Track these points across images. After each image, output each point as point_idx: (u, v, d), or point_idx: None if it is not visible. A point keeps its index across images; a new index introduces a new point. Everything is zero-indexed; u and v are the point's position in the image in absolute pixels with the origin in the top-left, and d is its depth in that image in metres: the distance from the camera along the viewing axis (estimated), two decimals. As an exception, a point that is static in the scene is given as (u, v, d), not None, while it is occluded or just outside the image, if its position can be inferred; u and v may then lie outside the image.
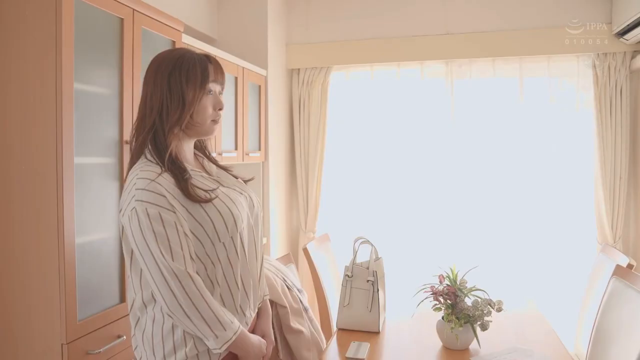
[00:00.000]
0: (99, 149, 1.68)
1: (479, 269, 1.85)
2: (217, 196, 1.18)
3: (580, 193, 3.14)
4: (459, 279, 1.78)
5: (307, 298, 2.02)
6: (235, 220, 1.19)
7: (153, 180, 1.12)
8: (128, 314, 1.26)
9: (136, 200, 1.10)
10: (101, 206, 1.67)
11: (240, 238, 1.22)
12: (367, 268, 1.94)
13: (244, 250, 1.23)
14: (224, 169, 1.38)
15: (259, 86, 3.11)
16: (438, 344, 1.77)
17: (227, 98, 2.71)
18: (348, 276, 1.96)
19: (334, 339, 1.88)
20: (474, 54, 3.20)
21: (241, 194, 1.29)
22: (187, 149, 1.27)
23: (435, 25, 3.27)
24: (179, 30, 2.12)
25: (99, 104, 1.68)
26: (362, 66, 3.39)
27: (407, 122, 3.36)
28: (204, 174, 1.25)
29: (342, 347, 1.77)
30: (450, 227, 3.30)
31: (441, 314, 1.75)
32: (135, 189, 1.11)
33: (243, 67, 2.87)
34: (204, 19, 3.05)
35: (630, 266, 1.98)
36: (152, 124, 1.19)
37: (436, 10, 3.27)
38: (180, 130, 1.21)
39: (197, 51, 1.27)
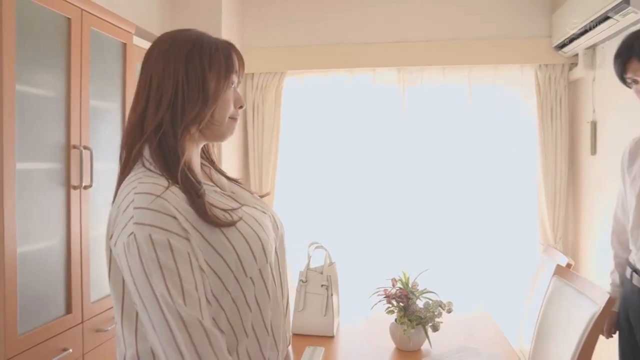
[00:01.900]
0: (44, 154, 1.62)
1: (431, 271, 1.91)
2: (240, 218, 0.90)
3: (524, 197, 3.29)
4: (410, 282, 1.83)
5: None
6: (264, 248, 0.91)
7: (159, 197, 0.82)
8: (75, 326, 1.19)
9: (135, 224, 0.80)
10: (46, 213, 1.61)
11: (271, 270, 0.94)
12: (321, 273, 1.96)
13: (275, 286, 0.95)
14: (235, 181, 1.07)
15: (213, 90, 3.07)
16: (391, 345, 1.81)
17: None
18: (302, 281, 1.97)
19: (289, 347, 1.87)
20: (425, 61, 3.30)
21: (264, 213, 1.00)
22: (196, 156, 0.98)
23: (388, 32, 3.34)
24: (130, 32, 2.07)
25: (44, 107, 1.62)
26: (316, 72, 3.42)
27: (360, 128, 3.41)
28: (217, 189, 0.97)
29: (297, 352, 1.78)
30: (403, 230, 3.38)
31: (394, 316, 1.79)
32: (134, 208, 0.81)
33: (196, 71, 2.83)
34: (156, 20, 2.99)
35: (569, 265, 2.09)
36: (160, 122, 0.90)
37: (390, 18, 3.34)
38: (197, 130, 0.94)
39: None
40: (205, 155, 1.07)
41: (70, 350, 1.63)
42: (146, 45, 2.35)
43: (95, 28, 1.82)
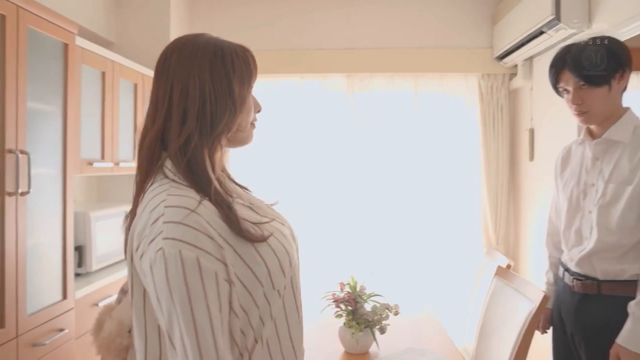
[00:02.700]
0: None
1: (378, 274, 1.95)
2: (271, 233, 0.87)
3: (468, 200, 3.42)
4: (358, 285, 1.86)
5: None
6: (290, 261, 0.89)
7: (193, 212, 0.78)
8: (8, 341, 1.13)
9: (165, 239, 0.75)
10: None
11: (295, 282, 0.93)
12: (272, 278, 1.95)
13: (295, 298, 0.92)
14: (245, 189, 1.01)
15: (161, 93, 3.00)
16: (340, 349, 1.83)
17: (125, 106, 2.60)
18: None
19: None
20: (373, 68, 3.37)
21: (283, 224, 0.97)
22: (219, 166, 0.93)
23: (338, 39, 3.39)
24: (72, 32, 2.00)
25: (-24, 108, 1.53)
26: (266, 76, 3.41)
27: (310, 133, 3.43)
28: (239, 200, 0.92)
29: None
30: (351, 234, 3.42)
31: (342, 320, 1.81)
32: (164, 222, 0.76)
33: (143, 74, 2.76)
34: (100, 20, 2.90)
35: (508, 266, 2.19)
36: (188, 136, 0.84)
37: (340, 26, 3.39)
38: (226, 139, 0.90)
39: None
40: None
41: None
42: (90, 46, 2.28)
43: (32, 26, 1.74)
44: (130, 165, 2.64)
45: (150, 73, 2.84)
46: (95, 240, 2.33)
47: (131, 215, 0.88)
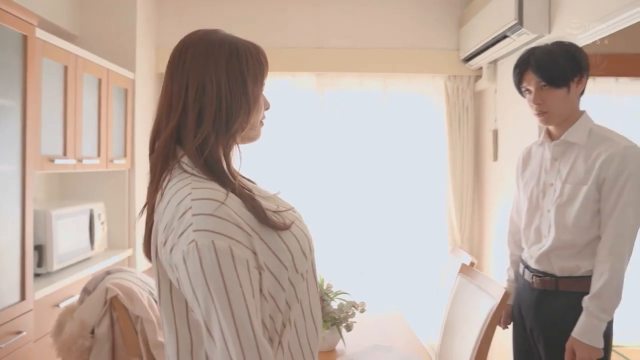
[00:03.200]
0: None
1: (345, 272, 1.96)
2: (292, 222, 0.90)
3: (435, 200, 3.48)
4: (325, 283, 1.87)
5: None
6: (310, 245, 0.92)
7: (223, 203, 0.80)
8: None
9: (196, 231, 0.76)
10: None
11: (314, 265, 0.97)
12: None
13: (315, 280, 0.96)
14: (252, 182, 1.05)
15: (126, 90, 2.94)
16: (307, 347, 1.84)
17: (89, 101, 2.54)
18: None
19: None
20: (342, 68, 3.39)
21: (295, 211, 0.99)
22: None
23: (307, 39, 3.40)
24: (32, 24, 1.93)
25: None
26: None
27: (279, 131, 3.43)
28: (254, 191, 0.94)
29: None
30: (318, 231, 3.43)
31: (310, 317, 1.82)
32: (193, 215, 0.77)
33: (108, 69, 2.70)
34: (63, 13, 2.81)
35: (472, 264, 2.24)
36: (206, 135, 0.86)
37: (309, 25, 3.40)
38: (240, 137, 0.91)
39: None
40: None
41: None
42: (52, 39, 2.21)
43: (-10, 18, 1.68)
44: (94, 162, 2.57)
45: (116, 68, 2.78)
46: (57, 239, 2.27)
47: (148, 211, 0.91)
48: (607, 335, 1.51)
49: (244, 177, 1.00)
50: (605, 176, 1.49)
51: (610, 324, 1.51)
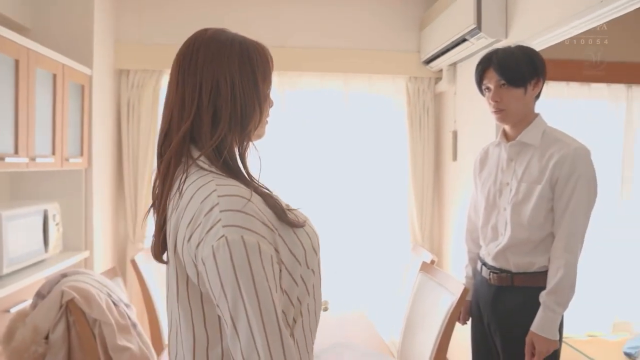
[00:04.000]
0: None
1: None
2: (306, 218, 0.94)
3: (396, 199, 3.54)
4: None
5: (136, 313, 1.92)
6: (318, 241, 0.95)
7: (249, 200, 0.82)
8: None
9: (225, 226, 0.78)
10: None
11: (320, 261, 0.98)
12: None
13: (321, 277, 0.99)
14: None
15: (82, 86, 2.85)
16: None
17: (43, 97, 2.44)
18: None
19: (165, 353, 1.81)
20: (303, 67, 3.39)
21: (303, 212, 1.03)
22: None
23: (268, 37, 3.38)
24: (-20, 16, 1.84)
25: None
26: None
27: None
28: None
29: None
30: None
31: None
32: (220, 211, 0.79)
33: (63, 64, 2.60)
34: (14, 3, 2.69)
35: (432, 262, 2.30)
36: (223, 137, 0.88)
37: (270, 23, 3.38)
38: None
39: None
40: None
41: None
42: (2, 31, 2.11)
43: None
44: (48, 161, 2.48)
45: (72, 63, 2.69)
46: (7, 241, 2.17)
47: (158, 210, 0.91)
48: (560, 327, 1.58)
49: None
50: (558, 176, 1.56)
51: (562, 317, 1.59)
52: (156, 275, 2.39)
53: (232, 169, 0.89)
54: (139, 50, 3.25)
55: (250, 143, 0.94)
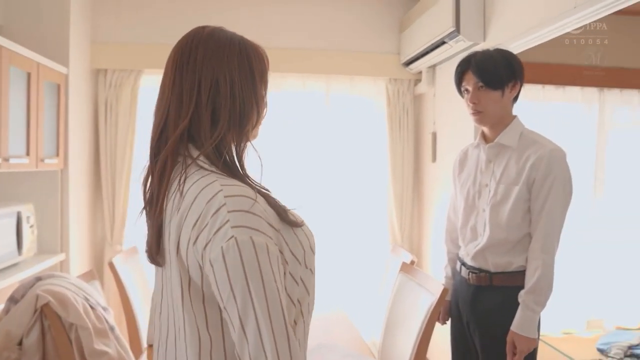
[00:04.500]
0: None
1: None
2: (303, 220, 0.93)
3: (376, 199, 3.56)
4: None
5: (114, 316, 1.89)
6: (314, 241, 0.95)
7: (256, 201, 0.81)
8: None
9: (234, 227, 0.77)
10: None
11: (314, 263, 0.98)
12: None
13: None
14: None
15: (58, 85, 2.79)
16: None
17: (17, 96, 2.38)
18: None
19: (144, 357, 1.79)
20: (285, 69, 3.38)
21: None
22: None
23: (250, 38, 3.35)
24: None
25: None
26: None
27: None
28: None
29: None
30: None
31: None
32: (228, 212, 0.78)
33: (38, 63, 2.55)
34: (-15, 1, 2.62)
35: (412, 262, 2.32)
36: (223, 136, 0.87)
37: (251, 24, 3.36)
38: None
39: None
40: None
41: None
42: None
43: None
44: (23, 162, 2.42)
45: (47, 62, 2.63)
46: (-21, 244, 2.11)
47: (155, 210, 0.88)
48: (537, 326, 1.62)
49: None
50: (535, 177, 1.59)
51: (539, 317, 1.62)
52: (134, 277, 2.35)
53: (232, 169, 0.88)
54: (116, 50, 3.20)
55: (250, 143, 0.93)
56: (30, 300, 1.69)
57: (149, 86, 3.28)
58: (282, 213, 0.86)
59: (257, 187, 0.88)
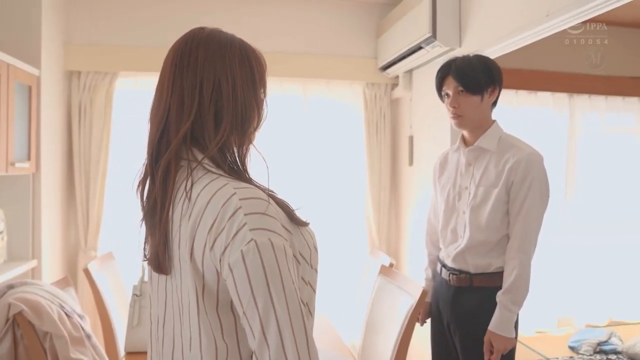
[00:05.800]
0: None
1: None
2: (307, 220, 0.92)
3: (354, 202, 3.58)
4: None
5: (90, 323, 1.85)
6: (317, 240, 0.94)
7: (270, 203, 0.80)
8: None
9: (253, 230, 0.76)
10: None
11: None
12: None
13: None
14: None
15: (30, 87, 2.72)
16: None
17: (-15, 98, 2.31)
18: (136, 295, 1.86)
19: (121, 365, 1.75)
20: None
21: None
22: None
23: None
24: None
25: None
26: (151, 75, 3.25)
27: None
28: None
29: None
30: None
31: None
32: (245, 215, 0.76)
33: (8, 64, 2.47)
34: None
35: (391, 265, 2.33)
36: (226, 139, 0.86)
37: (228, 27, 3.31)
38: None
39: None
40: None
41: None
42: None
43: None
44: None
45: (18, 63, 2.56)
46: (-53, 251, 2.04)
47: (161, 217, 0.84)
48: (515, 325, 1.65)
49: None
50: (514, 180, 1.63)
51: (517, 316, 1.65)
52: (110, 284, 2.30)
53: (238, 172, 0.88)
54: (90, 51, 3.13)
55: (252, 144, 0.93)
56: (1, 309, 1.63)
57: (125, 89, 3.23)
58: (290, 213, 0.86)
59: (267, 189, 0.88)
